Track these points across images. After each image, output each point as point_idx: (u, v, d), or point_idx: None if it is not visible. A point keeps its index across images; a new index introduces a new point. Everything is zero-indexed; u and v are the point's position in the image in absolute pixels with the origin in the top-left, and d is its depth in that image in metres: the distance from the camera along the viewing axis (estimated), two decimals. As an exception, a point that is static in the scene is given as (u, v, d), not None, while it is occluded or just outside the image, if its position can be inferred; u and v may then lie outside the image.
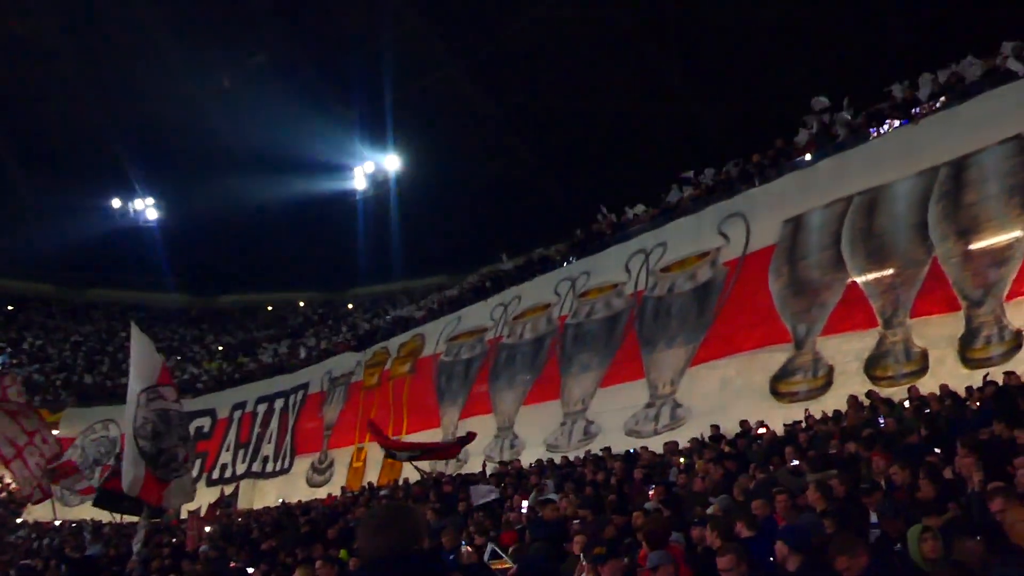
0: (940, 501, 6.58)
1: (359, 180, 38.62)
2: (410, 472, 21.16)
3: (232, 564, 12.85)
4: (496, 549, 8.79)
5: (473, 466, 21.13)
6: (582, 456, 17.60)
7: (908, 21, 24.45)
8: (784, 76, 25.40)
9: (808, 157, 19.43)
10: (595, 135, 31.94)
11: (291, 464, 30.51)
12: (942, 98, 17.26)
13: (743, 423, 15.51)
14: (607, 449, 17.31)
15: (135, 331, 9.64)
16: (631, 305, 21.46)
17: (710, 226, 20.27)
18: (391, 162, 37.30)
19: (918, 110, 17.64)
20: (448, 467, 22.09)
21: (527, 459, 20.02)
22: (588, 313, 22.56)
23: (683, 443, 15.65)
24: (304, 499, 25.46)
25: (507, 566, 8.12)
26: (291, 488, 28.81)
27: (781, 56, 25.87)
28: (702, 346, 19.17)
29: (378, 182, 37.13)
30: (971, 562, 4.09)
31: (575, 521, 9.84)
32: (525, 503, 11.79)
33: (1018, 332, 14.19)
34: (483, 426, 23.14)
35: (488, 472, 19.34)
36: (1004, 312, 14.54)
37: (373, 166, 37.64)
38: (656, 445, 16.42)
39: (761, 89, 26.59)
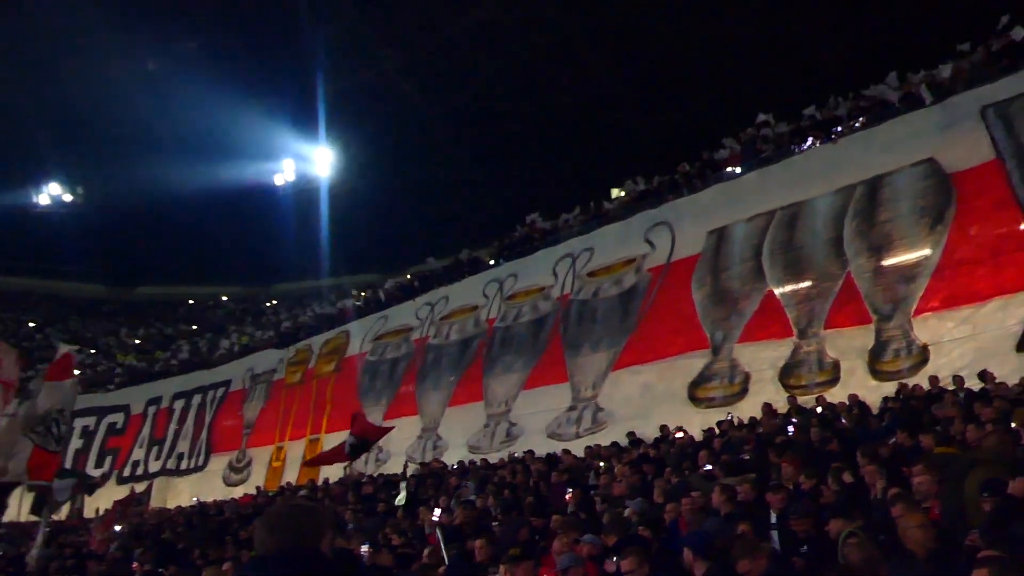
0: (843, 506, 6.79)
1: (288, 173, 37.87)
2: (330, 472, 20.89)
3: (135, 565, 12.32)
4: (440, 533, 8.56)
5: (393, 466, 20.94)
6: (505, 458, 17.64)
7: (834, 43, 25.31)
8: (715, 90, 25.99)
9: (735, 170, 19.93)
10: (531, 139, 32.10)
11: (206, 462, 29.73)
12: (861, 119, 17.92)
13: (663, 428, 15.76)
14: (529, 451, 17.38)
15: None
16: (557, 309, 21.63)
17: (637, 233, 20.61)
18: (322, 156, 36.67)
19: (839, 129, 18.30)
20: (368, 467, 21.85)
21: (450, 460, 19.97)
22: (515, 316, 22.64)
23: (604, 447, 15.79)
24: (220, 498, 24.80)
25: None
26: (207, 487, 28.04)
27: (714, 71, 26.47)
28: (625, 351, 19.46)
29: (307, 176, 36.46)
30: (866, 566, 4.22)
31: (494, 523, 9.85)
32: (438, 510, 11.72)
33: (924, 347, 14.81)
34: (408, 427, 22.99)
35: (409, 472, 19.20)
36: (912, 327, 15.16)
37: (303, 159, 36.93)
38: (577, 448, 16.54)
39: (693, 101, 27.15)
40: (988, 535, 4.47)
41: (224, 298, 45.91)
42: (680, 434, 14.94)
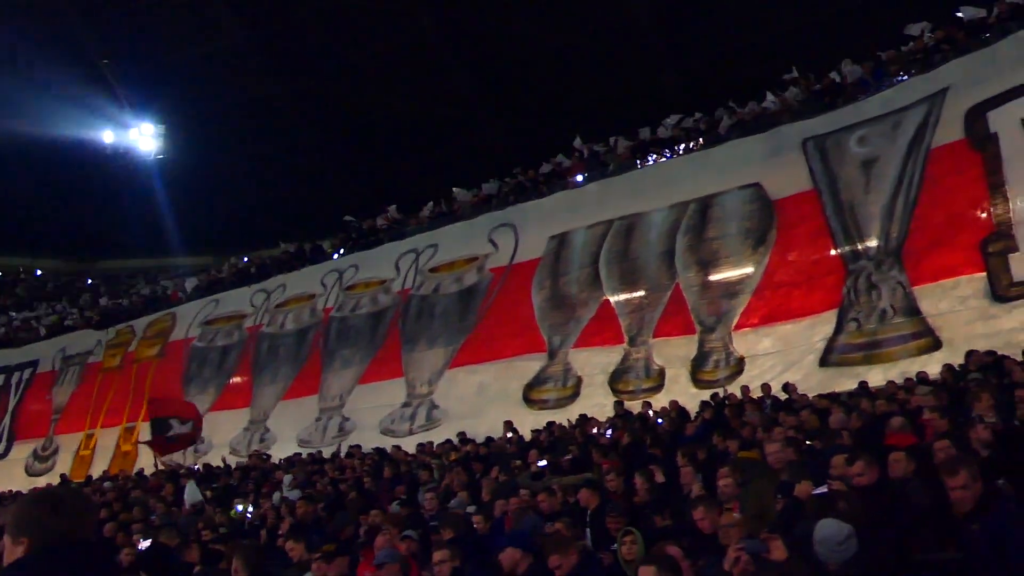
0: (655, 505, 7.09)
1: (118, 143, 35.19)
2: (148, 462, 19.76)
3: None
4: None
5: (214, 458, 20.08)
6: (337, 453, 17.32)
7: (680, 65, 26.62)
8: (564, 99, 26.66)
9: (578, 179, 20.53)
10: (382, 131, 31.62)
11: (8, 449, 27.28)
12: (698, 140, 18.96)
13: (506, 425, 15.86)
14: (358, 447, 17.12)
15: None
16: (397, 303, 21.46)
17: (482, 233, 20.79)
18: (154, 127, 34.24)
19: (679, 148, 19.26)
20: (187, 458, 20.77)
21: (277, 453, 19.30)
22: (353, 307, 22.25)
23: (437, 444, 15.78)
24: (22, 489, 22.71)
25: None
26: (6, 476, 25.56)
27: (563, 80, 27.15)
28: (462, 349, 19.58)
29: (140, 148, 34.04)
30: (666, 564, 4.41)
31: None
32: (240, 506, 11.33)
33: (741, 359, 15.86)
34: (236, 419, 22.17)
35: (232, 465, 18.51)
36: (731, 340, 16.21)
37: (136, 130, 34.38)
38: (410, 445, 16.46)
39: (544, 110, 27.72)
40: (776, 533, 4.80)
41: (39, 272, 42.16)
42: (510, 434, 15.18)
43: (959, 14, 16.39)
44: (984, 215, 14.11)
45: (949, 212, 14.57)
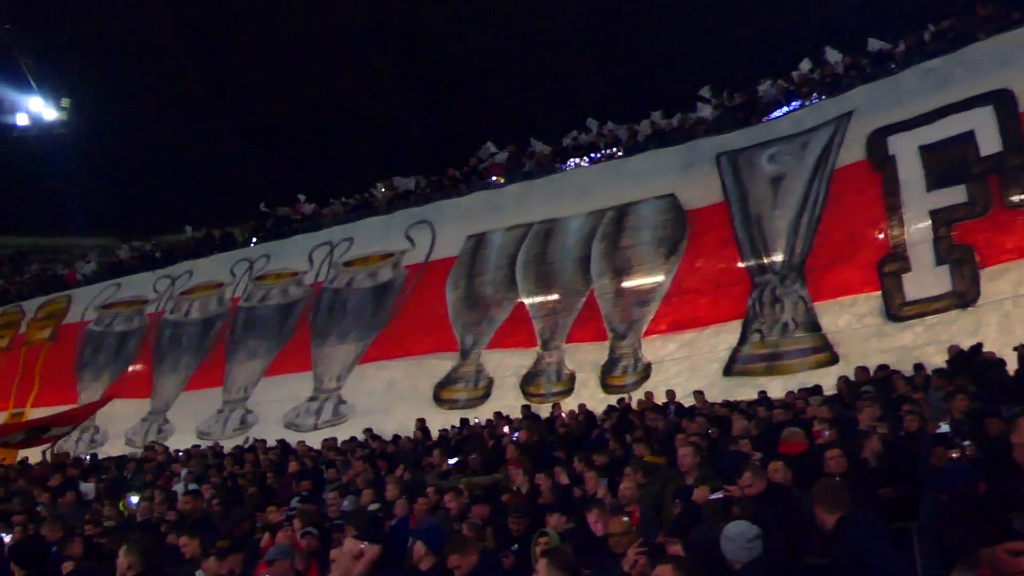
0: (560, 506, 7.15)
1: (19, 116, 33.28)
2: (35, 451, 18.78)
3: None
4: None
5: (110, 449, 19.26)
6: (241, 446, 16.83)
7: (603, 75, 26.95)
8: (487, 99, 26.66)
9: (500, 180, 20.57)
10: (299, 119, 30.86)
11: None
12: (616, 148, 19.28)
13: (417, 423, 15.73)
14: (262, 441, 16.70)
15: None
16: (308, 296, 21.08)
17: (399, 229, 20.63)
18: (58, 101, 32.49)
19: (598, 155, 19.53)
20: (79, 447, 19.90)
21: (176, 445, 18.64)
22: (263, 298, 21.74)
23: (342, 441, 15.52)
24: None
25: None
26: None
27: (487, 80, 27.14)
28: (373, 345, 19.37)
29: (42, 121, 32.31)
30: (570, 563, 4.45)
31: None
32: (134, 499, 10.90)
33: (648, 365, 16.18)
34: (134, 408, 21.40)
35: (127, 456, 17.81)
36: (640, 346, 16.53)
37: (38, 101, 32.58)
38: (315, 440, 16.15)
39: (468, 108, 27.63)
40: (673, 536, 4.91)
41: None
42: (419, 432, 15.08)
43: (869, 47, 17.13)
44: (881, 236, 14.77)
45: (850, 231, 15.20)
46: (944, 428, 6.71)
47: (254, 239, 23.74)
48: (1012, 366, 10.22)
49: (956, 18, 16.03)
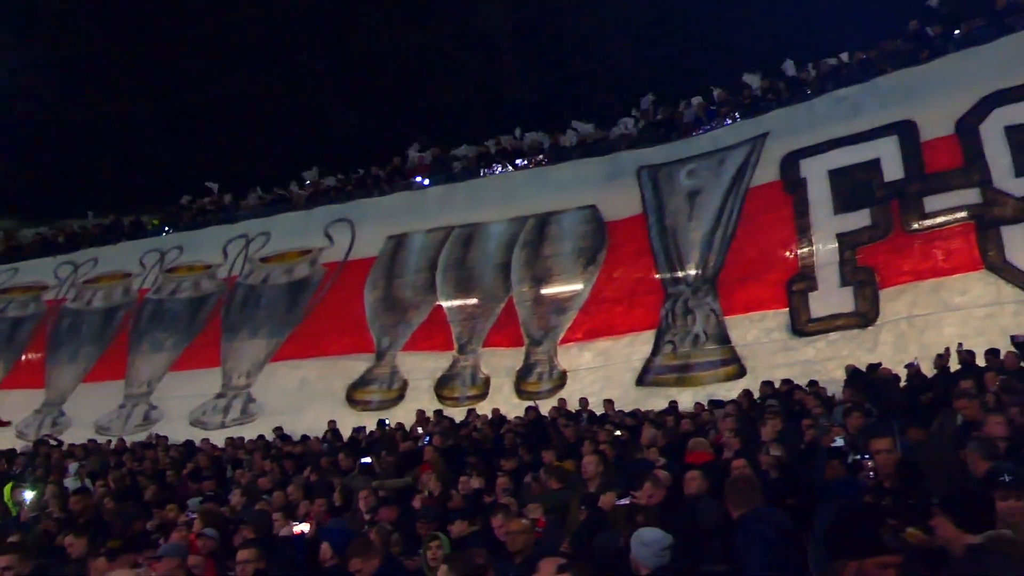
0: (468, 511, 7.13)
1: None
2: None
3: None
4: None
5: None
6: (145, 442, 16.25)
7: (529, 83, 27.14)
8: (417, 102, 26.51)
9: (423, 181, 20.46)
10: (221, 108, 30.00)
11: None
12: (541, 156, 19.43)
13: (331, 423, 15.49)
14: (164, 437, 16.14)
15: None
16: (222, 290, 20.51)
17: (318, 225, 20.32)
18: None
19: (523, 162, 19.63)
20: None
21: (71, 439, 17.83)
22: (173, 290, 21.05)
23: (249, 440, 15.15)
24: None
25: None
26: None
27: (415, 81, 26.99)
28: (287, 343, 18.99)
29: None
30: (470, 568, 4.44)
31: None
32: (28, 494, 10.40)
33: (564, 372, 16.34)
34: (27, 400, 20.38)
35: (19, 450, 16.98)
36: (556, 354, 16.69)
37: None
38: (220, 438, 15.70)
39: (393, 107, 27.40)
40: (577, 541, 4.98)
41: None
42: (330, 434, 14.84)
43: (785, 70, 17.75)
44: (791, 255, 15.33)
45: (761, 248, 15.71)
46: (839, 442, 6.96)
47: (166, 228, 22.93)
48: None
49: (868, 50, 16.75)
